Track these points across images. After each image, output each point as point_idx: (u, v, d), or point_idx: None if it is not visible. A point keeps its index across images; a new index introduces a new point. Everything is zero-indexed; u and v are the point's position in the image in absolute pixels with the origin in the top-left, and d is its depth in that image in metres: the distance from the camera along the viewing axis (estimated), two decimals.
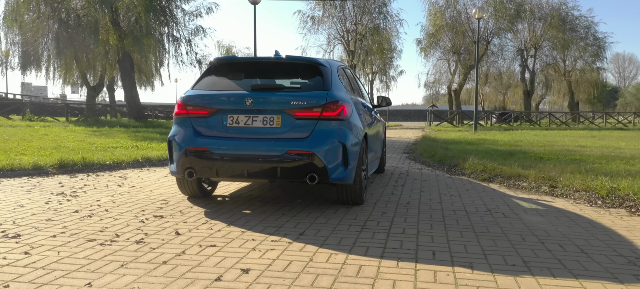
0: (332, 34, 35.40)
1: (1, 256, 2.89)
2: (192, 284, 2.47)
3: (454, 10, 33.84)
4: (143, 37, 23.24)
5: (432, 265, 2.76)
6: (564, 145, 12.13)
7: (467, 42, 34.27)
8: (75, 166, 6.81)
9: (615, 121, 37.50)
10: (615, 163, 7.55)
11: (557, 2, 38.93)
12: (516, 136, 17.15)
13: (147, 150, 9.16)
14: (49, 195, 4.88)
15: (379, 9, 34.05)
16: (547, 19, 38.26)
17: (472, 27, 34.41)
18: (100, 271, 2.66)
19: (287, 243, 3.25)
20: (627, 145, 12.27)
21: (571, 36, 39.88)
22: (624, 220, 4.00)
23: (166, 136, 13.40)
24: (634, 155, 9.22)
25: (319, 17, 35.22)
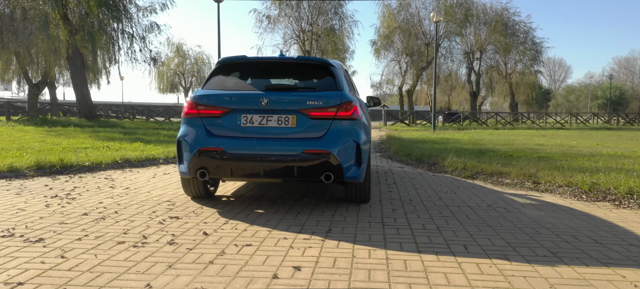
0: (288, 34, 35.41)
1: (39, 260, 2.80)
2: (252, 282, 2.50)
3: (407, 13, 34.74)
4: (96, 32, 22.35)
5: (470, 258, 2.92)
6: (523, 144, 12.79)
7: (420, 45, 35.26)
8: (54, 168, 6.54)
9: (553, 121, 39.70)
10: (578, 160, 8.08)
11: (500, 8, 40.73)
12: (473, 135, 17.86)
13: (120, 150, 8.89)
14: (43, 198, 4.69)
15: (335, 9, 34.40)
16: (492, 24, 39.95)
17: (423, 29, 35.44)
18: (150, 272, 2.63)
19: (319, 240, 3.32)
20: (579, 143, 13.10)
21: (512, 40, 41.87)
22: (614, 213, 4.34)
23: (129, 136, 13.01)
24: (591, 152, 9.89)
25: (275, 17, 35.13)
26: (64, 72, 34.16)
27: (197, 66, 54.67)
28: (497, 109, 60.92)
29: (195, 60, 54.54)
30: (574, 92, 74.86)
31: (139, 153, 8.32)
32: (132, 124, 22.37)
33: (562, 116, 43.26)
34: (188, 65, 54.47)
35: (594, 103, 67.88)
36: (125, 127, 19.57)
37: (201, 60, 54.70)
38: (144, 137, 12.74)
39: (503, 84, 46.08)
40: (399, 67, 39.38)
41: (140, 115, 33.90)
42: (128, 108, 34.64)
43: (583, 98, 71.55)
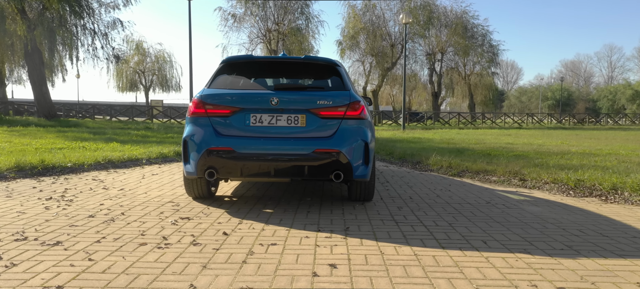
0: (253, 33, 35.23)
1: (67, 264, 2.72)
2: (295, 281, 2.52)
3: (372, 14, 35.20)
4: (57, 28, 21.52)
5: (494, 252, 3.04)
6: (494, 143, 13.23)
7: (384, 46, 35.79)
8: (35, 170, 6.30)
9: (511, 121, 41.15)
10: (552, 158, 8.46)
11: (460, 11, 41.86)
12: (443, 135, 18.31)
13: (98, 151, 8.64)
14: (37, 200, 4.53)
15: (301, 9, 34.46)
16: (452, 27, 41.03)
17: (388, 30, 36.00)
18: (187, 272, 2.61)
19: (341, 238, 3.37)
20: (545, 142, 13.67)
21: (471, 43, 43.12)
22: (605, 207, 4.59)
23: (100, 136, 12.64)
24: (561, 150, 10.35)
25: (241, 15, 34.89)
26: (16, 69, 32.76)
27: (158, 64, 53.38)
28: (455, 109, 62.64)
29: (156, 58, 53.24)
30: (526, 93, 77.75)
31: (119, 153, 8.11)
32: (96, 124, 21.69)
33: (520, 116, 44.87)
34: (148, 63, 53.09)
35: (545, 104, 70.72)
36: (90, 126, 18.94)
37: (162, 58, 53.44)
38: (116, 137, 12.39)
39: (462, 85, 47.38)
40: (363, 67, 39.86)
41: (101, 114, 32.86)
42: (87, 107, 33.51)
43: (534, 99, 74.40)
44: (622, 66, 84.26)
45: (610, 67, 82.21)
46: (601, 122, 44.56)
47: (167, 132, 15.73)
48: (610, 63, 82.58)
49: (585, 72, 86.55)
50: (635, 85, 61.62)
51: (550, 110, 66.65)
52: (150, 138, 12.83)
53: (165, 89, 54.74)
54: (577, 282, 2.50)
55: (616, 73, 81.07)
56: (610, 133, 22.26)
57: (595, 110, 62.61)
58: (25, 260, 2.78)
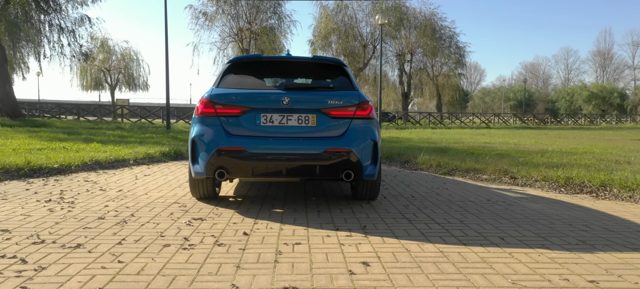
0: (225, 32, 34.85)
1: (98, 266, 2.67)
2: (335, 279, 2.54)
3: (344, 14, 35.39)
4: (21, 24, 20.76)
5: (514, 248, 3.14)
6: (473, 142, 13.56)
7: (357, 46, 36.05)
8: (22, 171, 6.09)
9: (479, 121, 42.21)
10: (534, 157, 8.75)
11: (429, 13, 42.53)
12: (420, 134, 18.62)
13: (81, 152, 8.41)
14: (37, 203, 4.41)
15: (274, 9, 34.31)
16: (421, 28, 41.71)
17: (360, 31, 36.30)
18: (223, 273, 2.60)
19: (362, 237, 3.41)
20: (520, 141, 14.10)
21: (439, 44, 43.94)
22: (598, 204, 4.79)
23: (75, 136, 12.29)
24: (538, 149, 10.71)
25: (212, 14, 34.44)
26: None
27: (124, 62, 52.15)
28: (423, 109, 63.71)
29: (122, 56, 51.98)
30: (489, 94, 79.73)
31: (105, 154, 7.93)
32: (64, 123, 21.01)
33: (487, 116, 46.02)
34: (114, 61, 51.78)
35: (507, 104, 72.68)
36: (60, 126, 18.33)
37: (129, 56, 52.21)
38: (94, 137, 12.06)
39: (431, 86, 48.17)
40: None
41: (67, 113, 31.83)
42: (51, 106, 32.40)
43: (497, 100, 76.40)
44: (577, 68, 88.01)
45: (567, 69, 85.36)
46: (562, 122, 46.20)
47: (143, 132, 15.42)
48: (567, 65, 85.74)
49: (543, 74, 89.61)
50: (590, 87, 64.12)
51: (512, 110, 68.53)
52: (129, 138, 12.56)
53: (132, 88, 53.56)
54: (604, 275, 2.62)
55: (572, 75, 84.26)
56: (575, 133, 23.12)
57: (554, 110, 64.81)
58: (53, 263, 2.71)
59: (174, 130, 17.78)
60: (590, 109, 59.95)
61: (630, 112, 57.70)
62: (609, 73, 79.72)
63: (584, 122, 46.47)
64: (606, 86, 64.11)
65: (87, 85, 51.59)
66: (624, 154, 9.49)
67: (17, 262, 2.72)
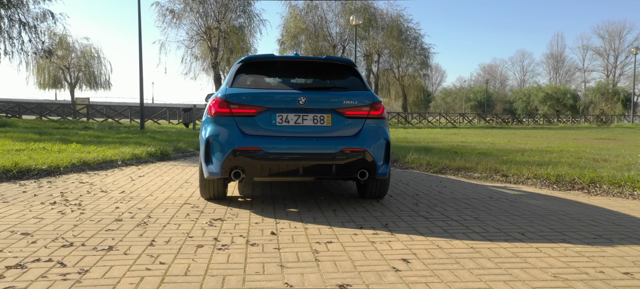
0: (193, 30, 34.33)
1: (142, 267, 2.64)
2: (382, 275, 2.59)
3: (314, 15, 35.46)
4: None
5: (538, 243, 3.26)
6: (450, 141, 13.87)
7: (326, 46, 36.20)
8: (10, 173, 5.87)
9: (445, 120, 43.15)
10: (515, 155, 9.05)
11: (396, 15, 43.19)
12: (396, 134, 18.88)
13: (63, 152, 8.14)
14: (42, 205, 4.28)
15: (243, 7, 34.03)
16: (388, 29, 42.31)
17: (329, 31, 36.48)
18: (270, 272, 2.61)
19: (388, 234, 3.47)
20: (495, 141, 14.53)
21: (405, 45, 44.70)
22: (593, 200, 5.00)
23: (49, 137, 11.88)
24: (516, 148, 11.08)
25: (180, 11, 33.86)
26: None
27: (85, 60, 50.56)
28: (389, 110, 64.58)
29: (82, 53, 50.38)
30: (450, 95, 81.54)
31: (91, 155, 7.71)
32: (28, 123, 20.17)
33: (452, 116, 47.09)
34: (74, 58, 50.12)
35: (468, 104, 74.52)
36: (25, 126, 17.59)
37: (89, 54, 50.65)
38: (69, 138, 11.67)
39: (397, 86, 48.89)
40: None
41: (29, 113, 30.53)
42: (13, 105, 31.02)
43: (458, 100, 78.24)
44: (532, 70, 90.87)
45: (523, 71, 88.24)
46: (522, 122, 47.79)
47: (117, 132, 15.01)
48: (522, 67, 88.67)
49: (501, 75, 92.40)
50: (545, 88, 66.43)
51: (473, 110, 70.33)
52: (105, 138, 12.22)
53: (93, 86, 52.03)
54: (634, 267, 2.78)
55: (528, 77, 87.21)
56: (540, 132, 23.97)
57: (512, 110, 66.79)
58: (93, 266, 2.65)
59: (148, 130, 17.38)
60: (546, 109, 62.12)
61: (583, 112, 60.20)
62: (562, 75, 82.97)
63: (543, 122, 48.20)
64: (560, 87, 66.60)
65: (44, 83, 49.75)
66: (597, 152, 9.94)
67: (56, 265, 2.65)
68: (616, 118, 51.78)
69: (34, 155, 7.40)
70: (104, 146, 9.58)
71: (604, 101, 60.65)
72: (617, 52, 74.83)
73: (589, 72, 79.85)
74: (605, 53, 76.40)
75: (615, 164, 7.55)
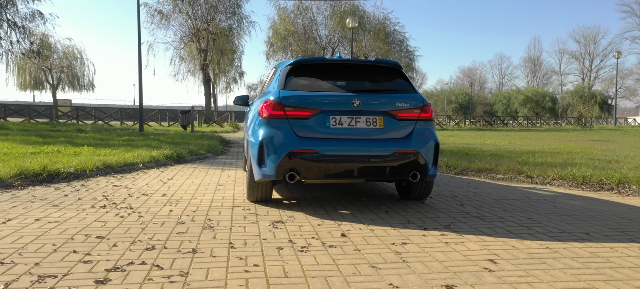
0: (183, 31, 34.03)
1: (240, 269, 2.64)
2: (479, 275, 2.63)
3: (304, 17, 35.47)
4: None
5: (611, 242, 3.31)
6: (452, 143, 14.04)
7: (317, 48, 36.24)
8: (40, 177, 5.77)
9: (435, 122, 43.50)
10: (527, 156, 9.19)
11: (382, 18, 43.46)
12: None
13: (77, 156, 8.02)
14: (92, 209, 4.24)
15: (234, 9, 33.87)
16: (374, 32, 42.56)
17: (319, 34, 36.58)
18: (364, 273, 2.63)
19: (457, 236, 3.50)
20: (497, 142, 14.75)
21: (391, 48, 45.03)
22: (629, 200, 5.12)
23: (52, 139, 11.67)
24: (524, 150, 11.28)
25: (168, 12, 33.52)
26: None
27: (67, 61, 49.66)
28: None
29: (65, 54, 49.48)
30: (431, 97, 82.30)
31: (112, 158, 7.61)
32: (18, 125, 19.70)
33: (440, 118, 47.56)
34: (56, 59, 49.19)
35: (449, 107, 75.39)
36: (16, 128, 17.19)
37: (72, 55, 49.76)
38: (75, 141, 11.48)
39: None
40: None
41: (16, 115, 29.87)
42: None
43: (440, 103, 79.04)
44: (510, 73, 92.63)
45: (501, 74, 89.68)
46: (507, 124, 48.54)
47: (117, 135, 14.80)
48: (501, 70, 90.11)
49: (480, 78, 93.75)
50: (525, 91, 67.55)
51: (454, 112, 71.14)
52: (110, 141, 12.05)
53: (75, 88, 51.16)
54: None
55: (506, 80, 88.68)
56: (531, 134, 24.38)
57: (492, 113, 67.74)
58: (189, 268, 2.64)
59: (147, 132, 17.19)
60: (526, 112, 63.14)
61: (561, 114, 61.42)
62: (539, 79, 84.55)
63: (526, 124, 49.02)
64: (539, 90, 67.86)
65: (25, 84, 48.74)
66: (603, 154, 10.17)
67: (154, 268, 2.64)
68: (595, 121, 52.92)
69: (53, 159, 7.27)
70: (115, 149, 9.46)
71: (582, 104, 61.88)
72: (592, 56, 76.75)
73: (566, 75, 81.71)
74: (581, 57, 78.28)
75: (629, 165, 7.74)
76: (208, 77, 35.49)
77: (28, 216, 3.85)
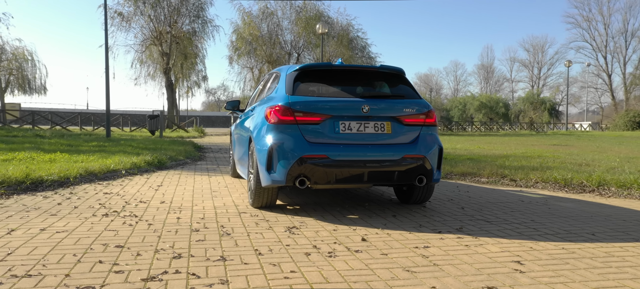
0: (144, 34, 33.26)
1: (281, 276, 2.62)
2: (511, 277, 2.70)
3: (270, 22, 35.38)
4: None
5: (617, 242, 3.47)
6: None
7: (282, 53, 36.20)
8: (24, 185, 5.50)
9: None
10: (503, 160, 9.49)
11: (346, 24, 43.94)
12: None
13: (53, 162, 7.70)
14: (94, 218, 4.08)
15: (197, 13, 33.40)
16: (338, 38, 42.95)
17: (285, 38, 36.57)
18: (402, 277, 2.66)
19: (472, 238, 3.58)
20: (467, 147, 15.14)
21: (354, 54, 45.57)
22: (613, 201, 5.36)
23: (17, 145, 11.13)
24: (497, 154, 11.64)
25: (129, 14, 32.72)
26: None
27: (17, 63, 47.55)
28: None
29: (14, 55, 47.36)
30: None
31: (95, 165, 7.34)
32: None
33: None
34: (4, 61, 46.98)
35: None
36: None
37: (22, 56, 47.72)
38: (44, 147, 10.98)
39: None
40: (252, 74, 39.81)
41: None
42: None
43: None
44: (465, 80, 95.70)
45: (456, 81, 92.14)
46: (466, 129, 50.01)
47: (85, 140, 14.25)
48: (456, 77, 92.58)
49: (436, 84, 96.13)
50: (480, 97, 69.33)
51: None
52: (80, 146, 11.61)
53: (26, 91, 49.01)
54: None
55: (460, 86, 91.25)
56: (493, 139, 25.16)
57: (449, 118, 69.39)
58: (228, 276, 2.59)
59: (114, 137, 16.65)
60: (481, 117, 65.08)
61: (514, 120, 63.63)
62: (492, 85, 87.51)
63: (483, 130, 50.59)
64: (493, 97, 69.99)
65: None
66: (570, 157, 10.62)
67: (192, 277, 2.57)
68: (546, 126, 55.21)
69: (30, 166, 6.95)
70: (90, 155, 9.13)
71: (533, 110, 64.38)
72: (540, 64, 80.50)
73: (516, 82, 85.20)
74: (530, 65, 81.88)
75: (599, 168, 8.12)
76: (170, 81, 34.80)
77: (31, 226, 3.68)
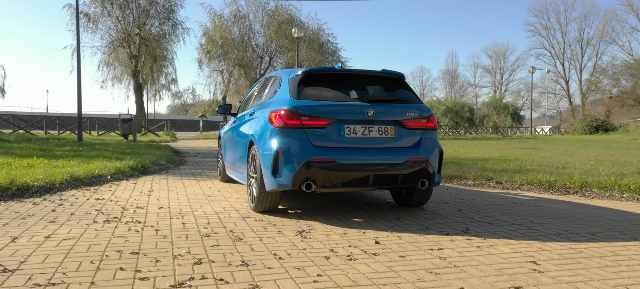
0: (112, 35, 32.48)
1: (309, 280, 2.61)
2: (534, 277, 2.78)
3: (242, 25, 35.19)
4: None
5: (618, 242, 3.61)
6: None
7: (254, 57, 36.05)
8: (10, 191, 5.30)
9: None
10: (484, 163, 9.71)
11: (317, 28, 44.19)
12: None
13: (33, 168, 7.44)
14: (97, 224, 3.99)
15: (167, 15, 32.87)
16: (309, 42, 43.17)
17: (256, 42, 36.44)
18: (427, 279, 2.70)
19: (481, 240, 3.65)
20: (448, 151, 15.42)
21: (324, 58, 45.84)
22: (599, 202, 5.56)
23: None
24: (476, 157, 11.90)
25: (96, 15, 31.92)
26: None
27: None
28: None
29: None
30: None
31: (80, 170, 7.13)
32: None
33: None
34: None
35: None
36: None
37: None
38: (15, 152, 10.56)
39: None
40: (222, 77, 39.52)
41: None
42: None
43: None
44: (430, 85, 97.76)
45: (422, 86, 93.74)
46: None
47: (56, 144, 13.77)
48: (422, 82, 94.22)
49: None
50: (445, 102, 70.92)
51: None
52: (53, 151, 11.24)
53: None
54: None
55: (426, 91, 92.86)
56: (464, 142, 25.68)
57: None
58: (256, 281, 2.57)
59: (88, 141, 16.15)
60: (447, 122, 66.38)
61: (478, 124, 65.23)
62: (456, 90, 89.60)
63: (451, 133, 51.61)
64: (458, 101, 71.63)
65: None
66: (545, 160, 10.98)
67: (222, 282, 2.54)
68: (509, 130, 56.80)
69: (10, 172, 6.69)
70: (70, 160, 8.86)
71: (497, 114, 66.17)
72: (502, 70, 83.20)
73: (480, 87, 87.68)
74: (493, 71, 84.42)
75: (575, 170, 8.41)
76: (139, 83, 34.09)
77: (33, 234, 3.55)
